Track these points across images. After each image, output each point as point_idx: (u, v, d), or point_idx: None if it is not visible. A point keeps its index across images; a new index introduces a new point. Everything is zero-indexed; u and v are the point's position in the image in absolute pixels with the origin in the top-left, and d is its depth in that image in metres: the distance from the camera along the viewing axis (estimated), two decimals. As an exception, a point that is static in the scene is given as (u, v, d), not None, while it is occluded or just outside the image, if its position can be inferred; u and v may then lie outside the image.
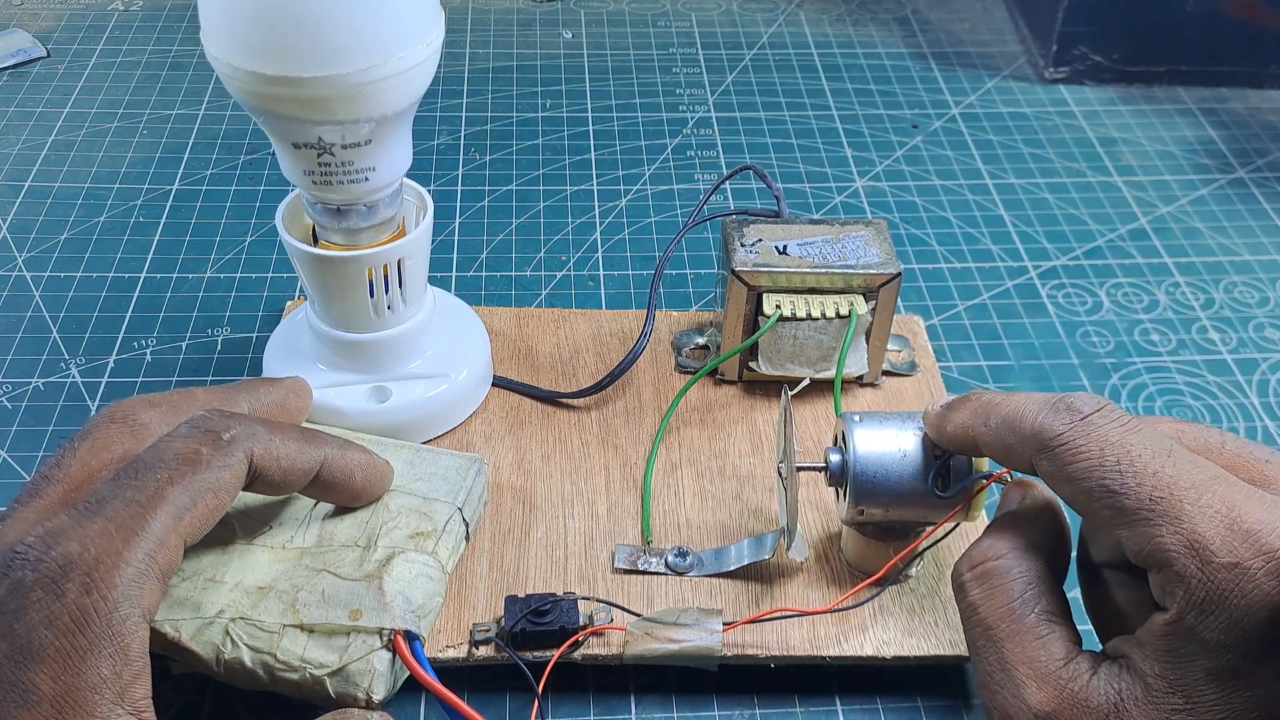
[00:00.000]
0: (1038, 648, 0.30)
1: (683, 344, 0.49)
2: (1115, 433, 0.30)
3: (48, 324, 0.52)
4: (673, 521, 0.42)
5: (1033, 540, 0.33)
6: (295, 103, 0.34)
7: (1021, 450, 0.32)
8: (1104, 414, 0.30)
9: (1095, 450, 0.30)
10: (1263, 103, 0.71)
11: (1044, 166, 0.65)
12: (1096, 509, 0.30)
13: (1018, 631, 0.31)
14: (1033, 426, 0.31)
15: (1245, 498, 0.28)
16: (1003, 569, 0.32)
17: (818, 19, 0.79)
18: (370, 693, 0.33)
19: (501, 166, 0.63)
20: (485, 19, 0.77)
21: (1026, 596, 0.31)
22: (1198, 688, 0.28)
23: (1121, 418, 0.30)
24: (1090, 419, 0.30)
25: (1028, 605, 0.31)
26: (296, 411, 0.40)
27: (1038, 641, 0.31)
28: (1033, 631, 0.31)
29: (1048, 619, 0.31)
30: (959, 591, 0.33)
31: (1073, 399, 0.31)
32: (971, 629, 0.32)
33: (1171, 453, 0.29)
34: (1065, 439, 0.30)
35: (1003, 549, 0.33)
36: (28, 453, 0.46)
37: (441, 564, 0.37)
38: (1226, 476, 0.29)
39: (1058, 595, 0.32)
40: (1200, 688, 0.27)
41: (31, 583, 0.28)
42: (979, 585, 0.32)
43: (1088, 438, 0.30)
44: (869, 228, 0.46)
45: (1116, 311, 0.55)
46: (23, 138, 0.64)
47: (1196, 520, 0.28)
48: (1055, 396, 0.32)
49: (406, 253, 0.40)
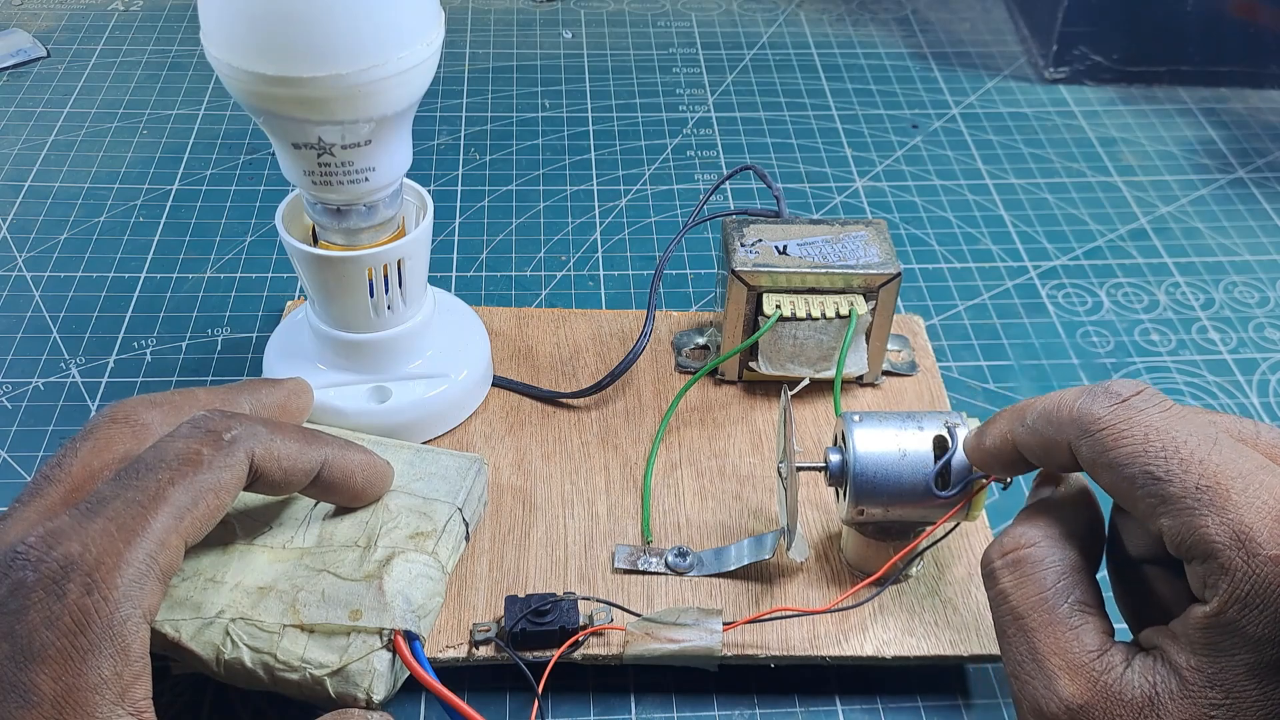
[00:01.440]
0: (1071, 639, 0.30)
1: (683, 344, 0.49)
2: (1158, 418, 0.29)
3: (48, 324, 0.52)
4: (673, 521, 0.42)
5: (1067, 529, 0.32)
6: (295, 103, 0.34)
7: (1060, 439, 0.31)
8: (1145, 397, 0.30)
9: (1139, 435, 0.29)
10: (1263, 103, 0.71)
11: (1044, 166, 0.65)
12: (1139, 496, 0.29)
13: (1050, 621, 0.30)
14: (1071, 413, 0.30)
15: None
16: (1036, 557, 0.31)
17: (818, 19, 0.79)
18: (370, 693, 0.33)
19: (501, 166, 0.63)
20: (485, 19, 0.77)
21: (1060, 586, 0.31)
22: (1239, 683, 0.27)
23: (1164, 402, 0.29)
24: (1131, 402, 0.29)
25: (1061, 595, 0.30)
26: (298, 412, 0.40)
27: (1071, 632, 0.30)
28: (1065, 622, 0.30)
29: (1081, 609, 0.30)
30: (989, 579, 0.32)
31: (1111, 383, 0.30)
32: (1002, 618, 0.32)
33: (1217, 441, 0.28)
34: (1106, 423, 0.29)
35: (1036, 536, 0.32)
36: (28, 453, 0.46)
37: (441, 564, 0.37)
38: (1272, 467, 0.28)
39: (1091, 585, 0.31)
40: (1242, 683, 0.27)
41: (33, 583, 0.28)
42: (1011, 573, 0.31)
43: (1130, 422, 0.29)
44: (869, 228, 0.46)
45: (1116, 311, 0.55)
46: (23, 138, 0.64)
47: (1244, 510, 0.27)
48: (1092, 385, 0.31)
49: (406, 253, 0.40)
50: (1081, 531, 0.32)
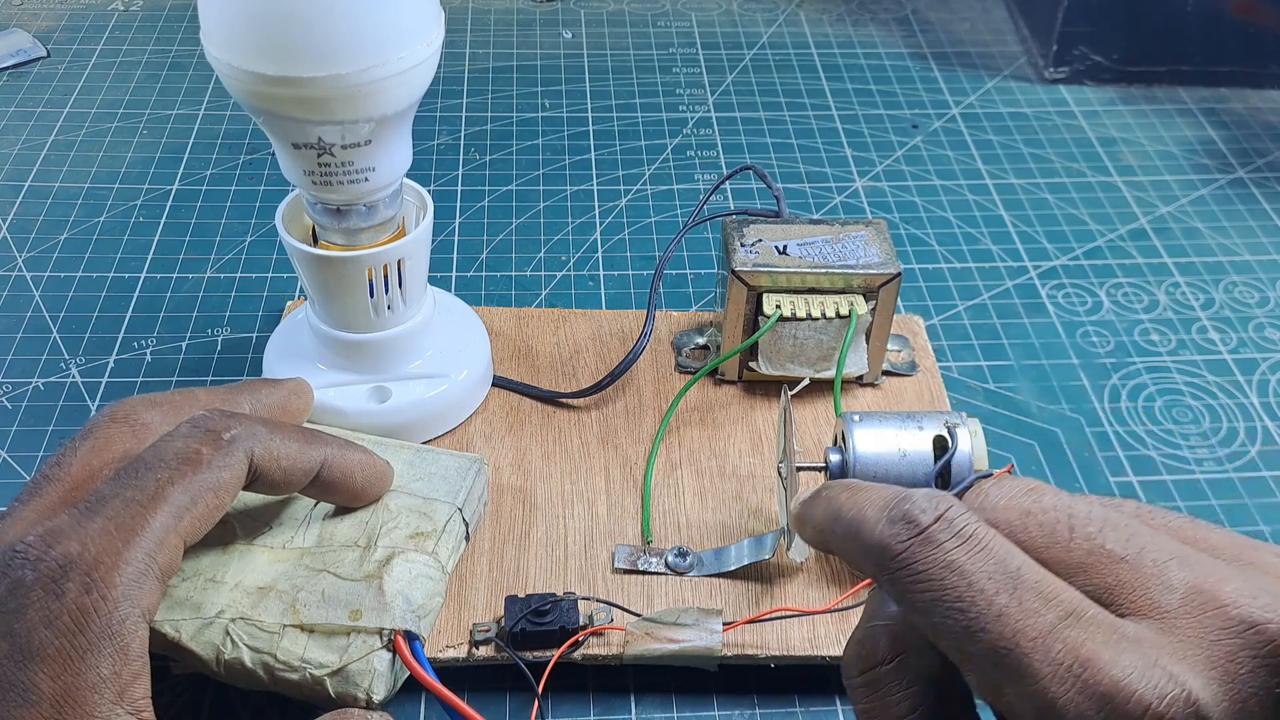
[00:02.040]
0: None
1: (683, 344, 0.49)
2: (956, 554, 0.25)
3: (48, 324, 0.52)
4: (673, 521, 0.42)
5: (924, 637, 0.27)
6: (295, 103, 0.34)
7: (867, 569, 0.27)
8: (944, 527, 0.25)
9: (936, 577, 0.25)
10: (1263, 103, 0.71)
11: (1044, 166, 0.65)
12: (943, 647, 0.25)
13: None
14: (870, 541, 0.26)
15: (1101, 643, 0.23)
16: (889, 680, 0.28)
17: (818, 19, 0.79)
18: (370, 693, 0.33)
19: (501, 166, 0.63)
20: (485, 19, 0.77)
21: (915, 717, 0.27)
22: None
23: (963, 531, 0.25)
24: (929, 534, 0.25)
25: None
26: (298, 413, 0.40)
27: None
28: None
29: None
30: (851, 695, 0.29)
31: (910, 504, 0.26)
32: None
33: (1017, 582, 0.24)
34: (902, 560, 0.25)
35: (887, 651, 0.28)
36: (28, 453, 0.46)
37: (441, 564, 0.37)
38: (1080, 610, 0.24)
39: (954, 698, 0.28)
40: None
41: (31, 582, 0.28)
42: (867, 696, 0.28)
43: (927, 561, 0.25)
44: (869, 228, 0.46)
45: (1116, 311, 0.55)
46: (23, 138, 0.64)
47: (1045, 680, 0.23)
48: (898, 497, 0.27)
49: (406, 253, 0.40)
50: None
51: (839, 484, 0.29)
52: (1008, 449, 0.47)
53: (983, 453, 0.36)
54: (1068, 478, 0.46)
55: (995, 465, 0.36)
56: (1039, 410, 0.49)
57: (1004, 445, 0.47)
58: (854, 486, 0.29)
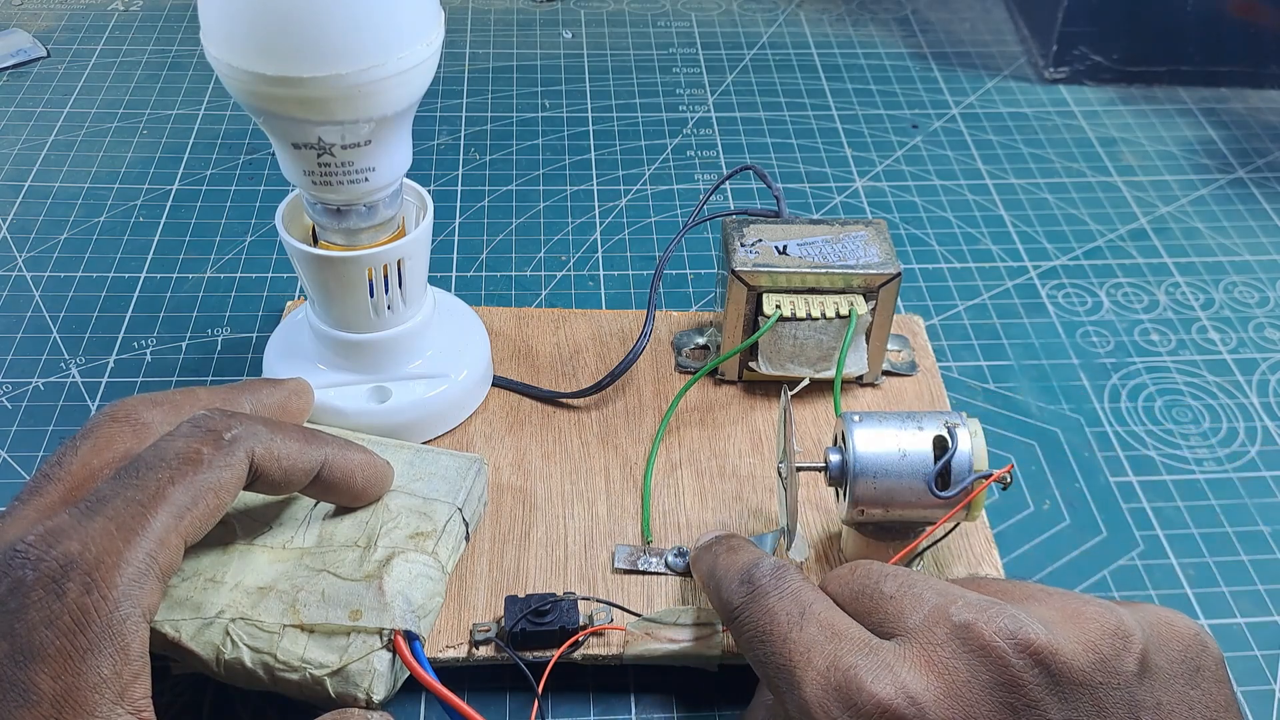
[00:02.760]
0: None
1: (683, 344, 0.49)
2: (774, 600, 0.31)
3: (48, 324, 0.52)
4: (673, 521, 0.42)
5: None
6: (295, 103, 0.34)
7: (723, 619, 0.32)
8: (773, 581, 0.31)
9: (759, 621, 0.30)
10: (1263, 103, 0.71)
11: (1044, 166, 0.65)
12: (769, 684, 0.30)
13: None
14: (725, 597, 0.32)
15: (854, 655, 0.28)
16: None
17: (818, 19, 0.79)
18: (370, 693, 0.33)
19: (501, 166, 0.63)
20: (485, 19, 0.77)
21: None
22: None
23: (785, 585, 0.31)
24: (761, 588, 0.31)
25: None
26: (298, 413, 0.40)
27: None
28: None
29: None
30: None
31: (756, 569, 0.32)
32: None
33: (805, 614, 0.30)
34: (739, 613, 0.31)
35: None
36: (28, 453, 0.46)
37: (441, 564, 0.37)
38: (844, 631, 0.29)
39: None
40: None
41: (32, 582, 0.28)
42: None
43: (755, 609, 0.31)
44: (869, 228, 0.46)
45: (1116, 311, 0.55)
46: (23, 138, 0.64)
47: (805, 686, 0.28)
48: (751, 562, 0.32)
49: (406, 253, 0.40)
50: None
51: (723, 542, 0.35)
52: (1008, 449, 0.47)
53: (983, 453, 0.36)
54: (1068, 478, 0.46)
55: (995, 465, 0.36)
56: (1039, 410, 0.49)
57: (1004, 445, 0.48)
58: (734, 548, 0.34)
